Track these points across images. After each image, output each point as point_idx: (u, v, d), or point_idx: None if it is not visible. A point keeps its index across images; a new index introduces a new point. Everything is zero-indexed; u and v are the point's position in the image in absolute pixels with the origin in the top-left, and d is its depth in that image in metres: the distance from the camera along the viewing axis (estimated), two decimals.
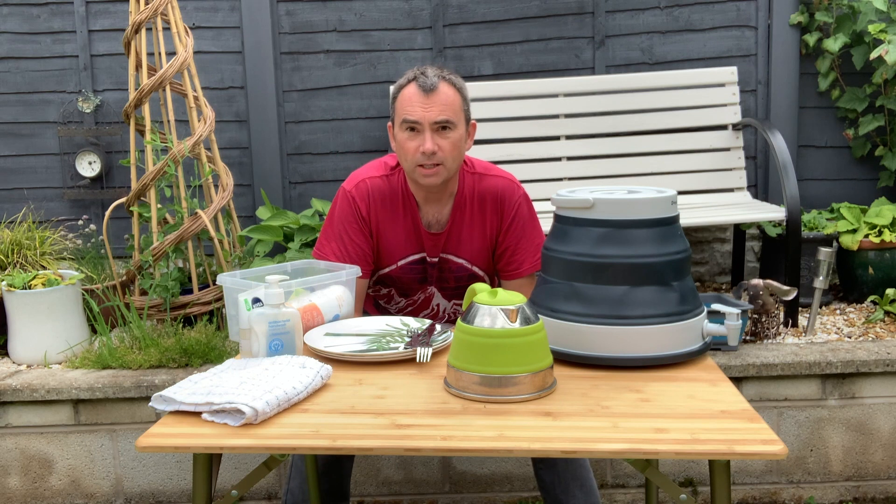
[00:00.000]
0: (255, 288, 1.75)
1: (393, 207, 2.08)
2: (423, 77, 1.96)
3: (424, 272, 2.14)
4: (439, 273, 2.15)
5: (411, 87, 1.96)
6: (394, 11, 3.61)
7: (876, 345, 2.63)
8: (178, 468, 2.62)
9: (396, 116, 2.00)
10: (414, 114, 1.95)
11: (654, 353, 1.56)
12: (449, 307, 2.22)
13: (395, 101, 2.00)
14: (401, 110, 1.98)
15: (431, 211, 2.09)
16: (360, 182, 2.09)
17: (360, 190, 2.08)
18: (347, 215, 2.08)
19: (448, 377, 1.49)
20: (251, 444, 1.27)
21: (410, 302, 2.21)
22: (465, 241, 2.11)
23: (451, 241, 2.11)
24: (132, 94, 2.91)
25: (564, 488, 1.97)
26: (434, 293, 2.18)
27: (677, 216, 1.65)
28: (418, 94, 1.95)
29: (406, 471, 2.63)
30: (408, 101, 1.96)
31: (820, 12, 3.43)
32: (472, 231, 2.11)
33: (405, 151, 1.98)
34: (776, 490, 2.61)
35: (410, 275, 2.14)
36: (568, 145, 3.45)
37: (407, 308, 2.22)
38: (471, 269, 2.14)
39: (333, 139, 3.68)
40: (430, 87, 1.94)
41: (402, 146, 1.99)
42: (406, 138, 1.97)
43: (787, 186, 2.83)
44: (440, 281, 2.16)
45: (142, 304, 2.86)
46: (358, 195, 2.07)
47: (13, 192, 3.71)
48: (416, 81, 1.96)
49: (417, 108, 1.94)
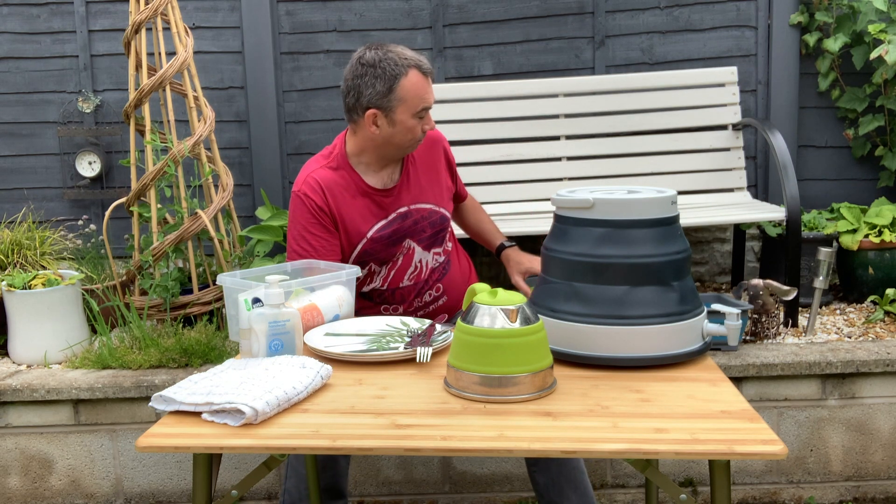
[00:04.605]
0: (255, 288, 1.75)
1: (345, 187, 2.13)
2: (421, 63, 2.02)
3: (395, 232, 2.16)
4: (413, 224, 2.18)
5: (416, 75, 2.01)
6: (394, 11, 3.61)
7: (876, 345, 2.63)
8: (178, 468, 2.62)
9: (403, 105, 2.02)
10: (428, 100, 2.04)
11: (654, 353, 1.56)
12: (430, 258, 2.23)
13: (396, 91, 2.00)
14: (414, 99, 2.01)
15: (386, 173, 2.16)
16: (306, 178, 2.13)
17: (308, 185, 2.12)
18: (304, 213, 2.11)
19: (448, 377, 1.49)
20: (251, 444, 1.27)
21: (391, 266, 2.20)
22: (426, 186, 2.21)
23: (415, 190, 2.19)
24: (132, 94, 2.91)
25: (559, 491, 1.97)
26: (413, 247, 2.20)
27: (677, 216, 1.65)
28: (424, 80, 2.02)
29: (406, 471, 2.63)
30: (420, 89, 2.02)
31: (820, 12, 3.43)
32: (430, 175, 2.23)
33: (410, 132, 2.06)
34: (776, 490, 2.61)
35: (384, 240, 2.16)
36: (568, 145, 3.45)
37: (390, 275, 2.20)
38: (440, 212, 2.23)
39: (333, 139, 3.67)
40: (430, 70, 2.04)
41: (410, 129, 2.05)
42: (416, 123, 2.05)
43: (787, 186, 2.83)
44: (415, 233, 2.19)
45: (142, 304, 2.86)
46: (309, 190, 2.11)
47: (13, 192, 3.71)
48: (420, 68, 2.02)
49: (429, 94, 2.04)
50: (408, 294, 2.21)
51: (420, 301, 2.23)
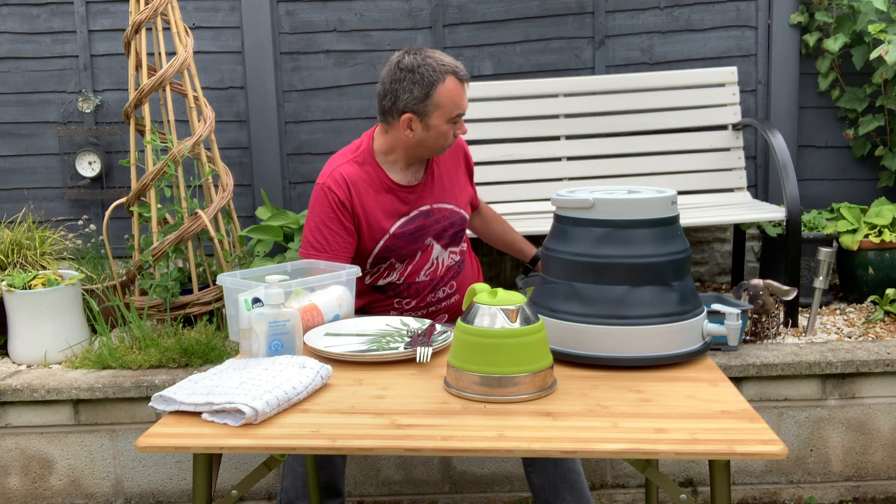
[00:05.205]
0: (255, 288, 1.75)
1: (370, 182, 2.14)
2: (458, 69, 2.06)
3: (417, 229, 2.19)
4: (434, 223, 2.21)
5: (453, 82, 2.04)
6: (394, 11, 3.61)
7: (876, 345, 2.63)
8: (178, 468, 2.62)
9: (438, 110, 2.05)
10: (463, 106, 2.08)
11: (654, 353, 1.56)
12: (447, 256, 2.26)
13: (433, 96, 2.03)
14: (450, 105, 2.05)
15: (411, 171, 2.19)
16: (332, 172, 2.14)
17: (334, 179, 2.13)
18: (325, 206, 2.12)
19: (448, 377, 1.49)
20: (251, 444, 1.27)
21: (410, 262, 2.22)
22: (448, 188, 2.25)
23: (438, 190, 2.22)
24: (132, 94, 2.91)
25: (554, 491, 1.97)
26: (432, 244, 2.22)
27: (677, 216, 1.65)
28: (460, 87, 2.06)
29: (406, 471, 2.63)
30: (456, 95, 2.05)
31: (820, 12, 3.43)
32: (452, 177, 2.27)
33: (443, 137, 2.09)
34: (776, 490, 2.61)
35: (406, 236, 2.18)
36: (568, 145, 3.45)
37: (407, 269, 2.23)
38: (460, 213, 2.27)
39: (333, 139, 3.68)
40: (467, 77, 2.08)
41: (443, 134, 2.09)
42: (449, 128, 2.09)
43: (787, 186, 2.83)
44: (436, 231, 2.22)
45: (142, 304, 2.86)
46: (333, 184, 2.12)
47: (13, 192, 3.71)
48: (457, 75, 2.05)
49: (464, 100, 2.08)
50: (423, 289, 2.23)
51: (433, 297, 2.25)
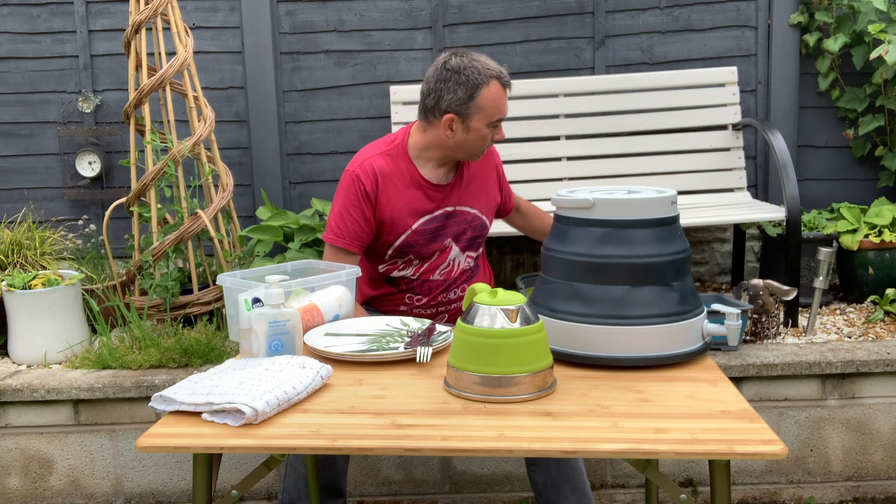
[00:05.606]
0: (255, 288, 1.75)
1: (399, 177, 2.17)
2: (502, 75, 2.09)
3: (438, 229, 2.21)
4: (456, 225, 2.24)
5: (496, 87, 2.08)
6: (394, 11, 3.61)
7: (876, 345, 2.63)
8: (178, 468, 2.62)
9: (480, 113, 2.08)
10: (504, 111, 2.12)
11: (654, 353, 1.56)
12: (463, 259, 2.28)
13: (476, 99, 2.06)
14: (491, 109, 2.08)
15: (442, 171, 2.21)
16: (363, 161, 2.17)
17: (364, 169, 2.15)
18: (350, 194, 2.15)
19: (448, 377, 1.49)
20: (251, 444, 1.27)
21: (427, 259, 2.24)
22: (475, 193, 2.27)
23: (465, 193, 2.25)
24: (132, 94, 2.91)
25: (556, 490, 1.98)
26: (451, 246, 2.25)
27: (677, 216, 1.65)
28: (502, 92, 2.10)
29: (406, 471, 2.63)
30: (498, 100, 2.09)
31: (820, 12, 3.43)
32: (480, 184, 2.29)
33: (482, 140, 2.12)
34: (776, 490, 2.61)
35: (427, 234, 2.20)
36: (568, 145, 3.45)
37: (423, 266, 2.24)
38: (482, 219, 2.29)
39: (333, 139, 3.68)
40: (509, 83, 2.11)
41: (482, 137, 2.12)
42: (488, 132, 2.12)
43: (787, 186, 2.83)
44: (457, 233, 2.24)
45: (142, 304, 2.86)
46: (362, 173, 2.15)
47: (13, 192, 3.71)
48: (500, 80, 2.08)
49: (505, 105, 2.12)
50: (435, 288, 2.25)
51: (445, 297, 2.26)
